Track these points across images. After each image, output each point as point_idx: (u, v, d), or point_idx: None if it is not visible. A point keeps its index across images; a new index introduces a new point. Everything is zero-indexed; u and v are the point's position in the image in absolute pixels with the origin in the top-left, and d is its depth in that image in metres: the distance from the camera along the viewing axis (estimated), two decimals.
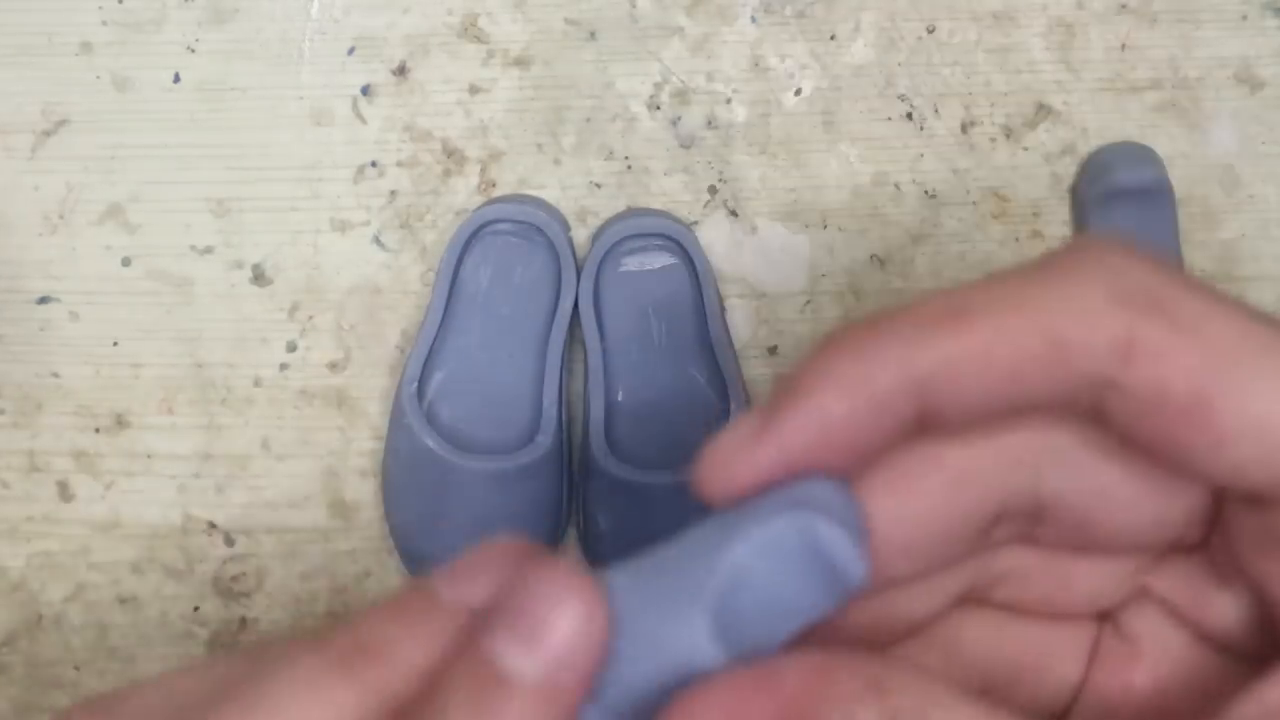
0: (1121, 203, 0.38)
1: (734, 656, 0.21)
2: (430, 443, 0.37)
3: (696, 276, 0.38)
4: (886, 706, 0.21)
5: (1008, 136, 0.40)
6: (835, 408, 0.21)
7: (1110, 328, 0.21)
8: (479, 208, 0.39)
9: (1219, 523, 0.22)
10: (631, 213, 0.40)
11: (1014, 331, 0.21)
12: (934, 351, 0.21)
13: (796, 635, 0.22)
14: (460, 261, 0.38)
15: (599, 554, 0.39)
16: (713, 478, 0.21)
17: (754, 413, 0.21)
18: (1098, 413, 0.21)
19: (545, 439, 0.37)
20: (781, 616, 0.22)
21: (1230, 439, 0.21)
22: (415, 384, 0.38)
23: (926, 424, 0.21)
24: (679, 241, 0.38)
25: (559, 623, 0.19)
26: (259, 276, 0.40)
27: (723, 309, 0.39)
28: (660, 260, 0.38)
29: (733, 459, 0.21)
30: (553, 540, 0.39)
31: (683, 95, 0.40)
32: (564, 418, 0.39)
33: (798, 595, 0.22)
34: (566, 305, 0.38)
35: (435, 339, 0.38)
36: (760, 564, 0.21)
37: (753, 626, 0.22)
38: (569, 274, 0.38)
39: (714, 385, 0.39)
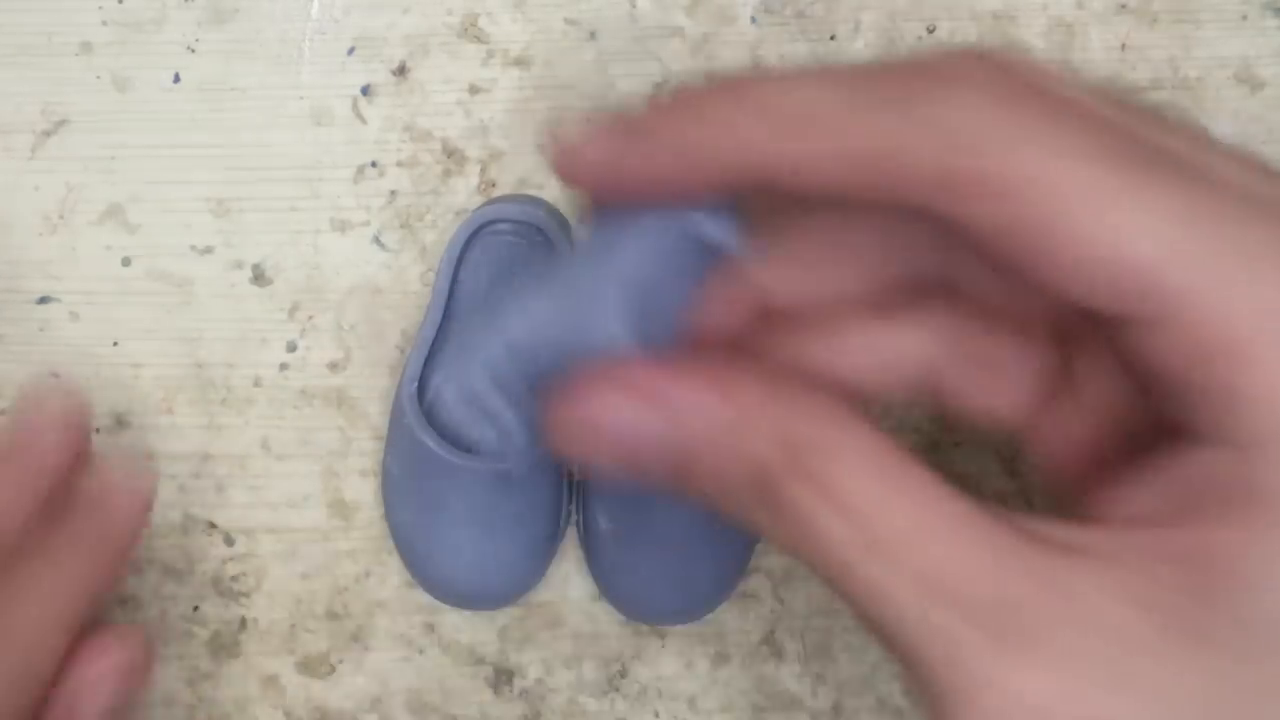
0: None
1: (637, 340, 0.25)
2: (430, 443, 0.36)
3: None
4: (780, 418, 0.24)
5: None
6: (678, 165, 0.24)
7: (940, 164, 0.23)
8: (479, 208, 0.39)
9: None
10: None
11: (844, 148, 0.23)
12: (777, 149, 0.24)
13: (691, 325, 0.26)
14: (460, 261, 0.38)
15: (599, 554, 0.39)
16: (579, 166, 0.25)
17: (613, 126, 0.25)
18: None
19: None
20: (677, 300, 0.26)
21: (1069, 273, 0.22)
22: (415, 384, 0.38)
23: (771, 190, 0.24)
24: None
25: None
26: (259, 276, 0.40)
27: None
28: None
29: (598, 153, 0.25)
30: (552, 541, 0.39)
31: None
32: None
33: (686, 278, 0.26)
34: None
35: (435, 339, 0.38)
36: (652, 255, 0.25)
37: (654, 314, 0.26)
38: None
39: None
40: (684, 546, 0.38)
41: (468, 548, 0.37)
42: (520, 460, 0.36)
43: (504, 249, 0.38)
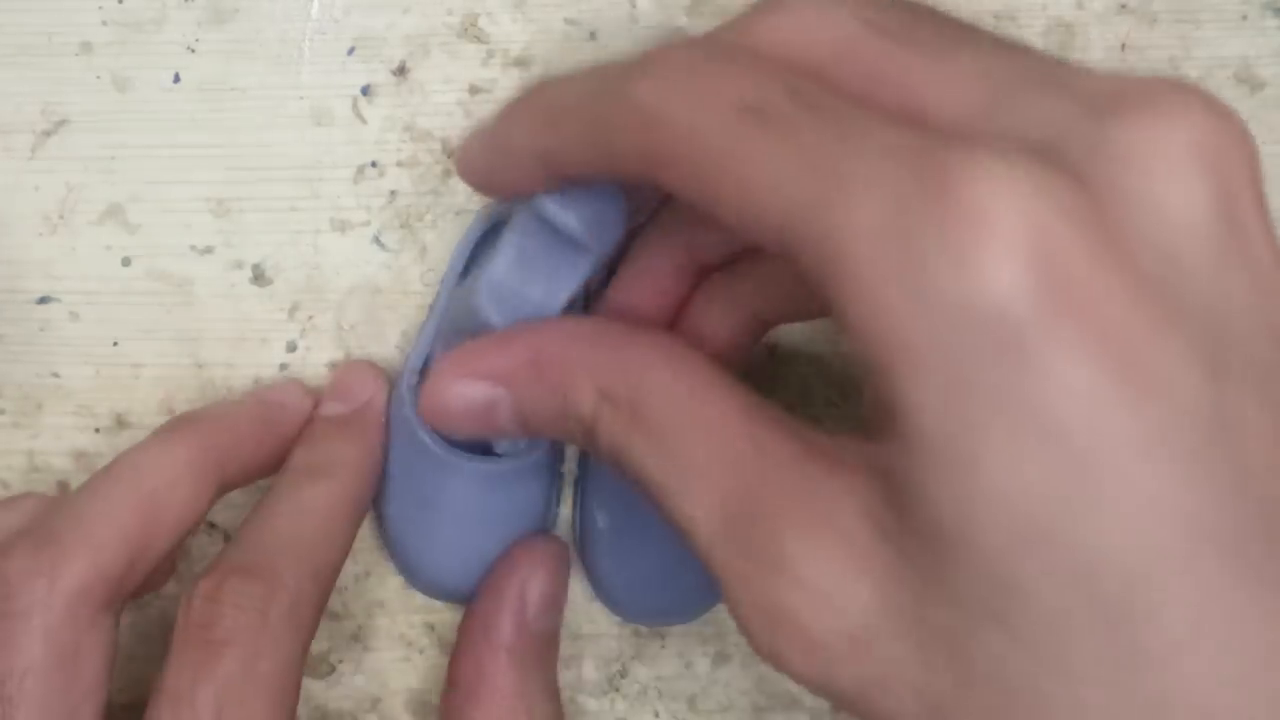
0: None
1: (508, 321, 0.31)
2: (425, 438, 0.37)
3: None
4: (601, 378, 0.28)
5: None
6: (498, 160, 0.31)
7: (632, 138, 0.26)
8: (495, 205, 0.39)
9: None
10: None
11: (580, 134, 0.28)
12: (543, 142, 0.29)
13: (570, 306, 0.32)
14: (472, 258, 0.38)
15: (595, 552, 0.39)
16: (463, 172, 0.32)
17: (468, 142, 0.32)
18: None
19: (541, 443, 0.37)
20: (546, 287, 0.31)
21: (738, 225, 0.25)
22: (415, 377, 0.38)
23: (562, 177, 0.29)
24: None
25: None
26: (259, 276, 0.40)
27: None
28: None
29: (465, 161, 0.32)
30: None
31: None
32: None
33: (552, 267, 0.31)
34: (576, 308, 0.38)
35: (438, 334, 0.38)
36: (513, 247, 0.31)
37: (522, 298, 0.31)
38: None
39: None
40: (681, 548, 0.38)
41: (456, 544, 0.37)
42: (516, 454, 0.36)
43: None
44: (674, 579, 0.38)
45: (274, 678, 0.31)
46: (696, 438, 0.27)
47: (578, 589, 0.41)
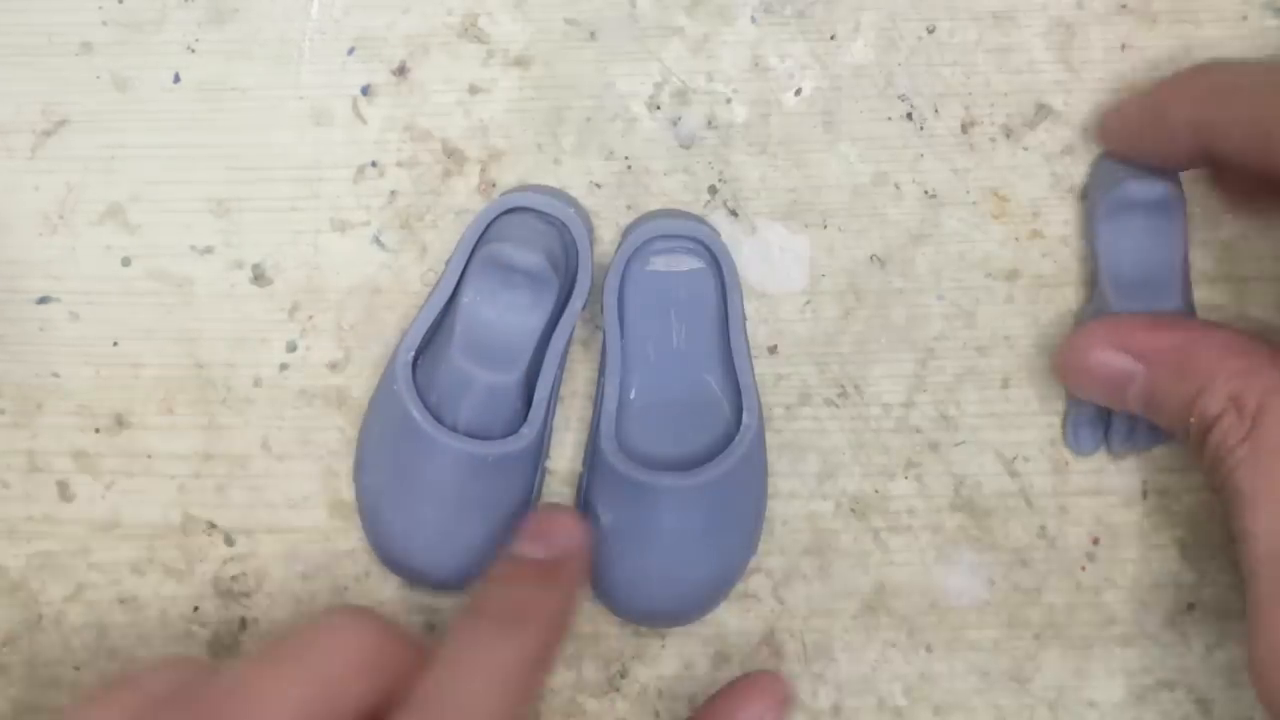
0: (1131, 214, 0.37)
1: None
2: (415, 413, 0.36)
3: (723, 283, 0.38)
4: (1236, 385, 0.33)
5: (1008, 136, 0.40)
6: (1150, 129, 0.36)
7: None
8: (508, 191, 0.39)
9: None
10: (663, 213, 0.40)
11: (1247, 118, 0.31)
12: (1205, 116, 0.33)
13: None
14: (480, 240, 0.38)
15: (599, 551, 0.39)
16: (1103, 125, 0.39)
17: (1119, 107, 0.38)
18: None
19: (530, 431, 0.37)
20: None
21: None
22: (412, 352, 0.38)
23: (1210, 156, 0.33)
24: (709, 247, 0.38)
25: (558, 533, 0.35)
26: (259, 276, 0.40)
27: (744, 318, 0.39)
28: (688, 263, 0.38)
29: (1111, 124, 0.39)
30: (510, 528, 0.38)
31: (683, 95, 0.40)
32: (551, 415, 0.39)
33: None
34: (576, 305, 0.38)
35: (443, 310, 0.38)
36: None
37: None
38: (584, 275, 0.38)
39: (728, 393, 0.38)
40: (683, 548, 0.38)
41: (430, 522, 0.37)
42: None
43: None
44: (671, 581, 0.38)
45: None
46: None
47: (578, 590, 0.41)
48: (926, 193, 0.40)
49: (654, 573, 0.38)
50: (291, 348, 0.40)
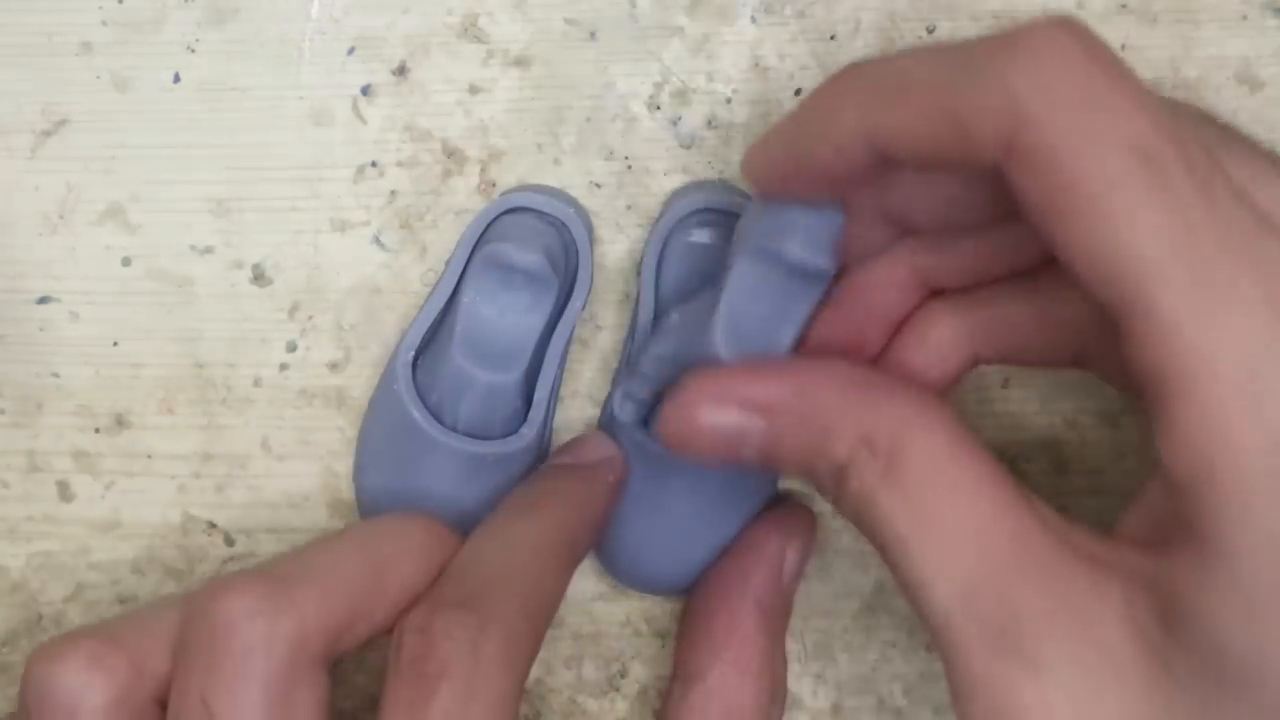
0: (775, 266, 0.36)
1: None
2: (415, 413, 0.37)
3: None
4: (865, 423, 0.28)
5: None
6: (815, 135, 0.29)
7: (998, 126, 0.25)
8: (508, 191, 0.39)
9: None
10: (710, 184, 0.39)
11: (929, 114, 0.26)
12: (877, 119, 0.27)
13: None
14: (480, 240, 0.38)
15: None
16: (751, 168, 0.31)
17: (764, 139, 0.31)
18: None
19: (530, 431, 0.37)
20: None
21: (1080, 254, 0.24)
22: (412, 352, 0.38)
23: (885, 161, 0.27)
24: None
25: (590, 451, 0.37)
26: (259, 276, 0.40)
27: None
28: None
29: (757, 160, 0.31)
30: None
31: (683, 95, 0.40)
32: (552, 415, 0.39)
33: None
34: (576, 305, 0.38)
35: (443, 310, 0.38)
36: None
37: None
38: (585, 275, 0.38)
39: None
40: (687, 521, 0.38)
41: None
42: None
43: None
44: (676, 548, 0.38)
45: (488, 713, 0.29)
46: (949, 501, 0.26)
47: (579, 589, 0.41)
48: None
49: (656, 538, 0.38)
50: (291, 348, 0.40)
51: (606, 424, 0.39)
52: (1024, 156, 0.24)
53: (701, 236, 0.38)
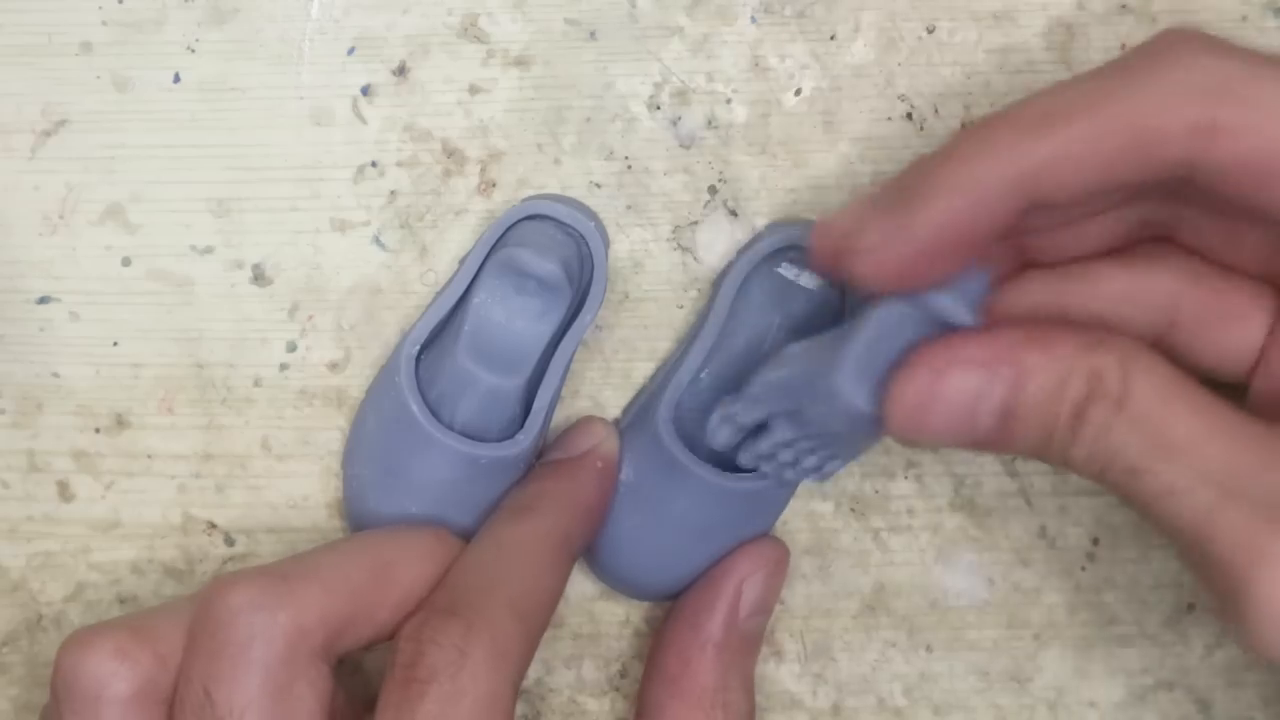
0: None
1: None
2: (414, 407, 0.37)
3: (842, 312, 0.38)
4: (1094, 360, 0.29)
5: None
6: (957, 206, 0.28)
7: (1189, 115, 0.26)
8: (531, 197, 0.39)
9: None
10: (806, 223, 0.39)
11: (1102, 128, 0.26)
12: (1033, 155, 0.27)
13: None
14: (499, 242, 0.38)
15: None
16: (854, 258, 0.30)
17: (873, 207, 0.30)
18: (1185, 185, 0.27)
19: (526, 439, 0.37)
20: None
21: None
22: (417, 346, 0.38)
23: (1038, 209, 0.28)
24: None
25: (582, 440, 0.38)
26: (259, 276, 0.40)
27: None
28: (817, 280, 0.38)
29: (875, 249, 0.29)
30: None
31: (683, 95, 0.40)
32: (549, 425, 0.39)
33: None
34: (586, 319, 0.38)
35: (453, 308, 0.38)
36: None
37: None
38: (598, 290, 0.38)
39: None
40: (688, 535, 0.38)
41: (415, 518, 0.37)
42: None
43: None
44: (674, 557, 0.38)
45: (478, 714, 0.30)
46: (1182, 416, 0.28)
47: (579, 589, 0.41)
48: None
49: (651, 545, 0.38)
50: (291, 348, 0.40)
51: (629, 426, 0.39)
52: (1228, 135, 0.26)
53: (788, 271, 0.38)
